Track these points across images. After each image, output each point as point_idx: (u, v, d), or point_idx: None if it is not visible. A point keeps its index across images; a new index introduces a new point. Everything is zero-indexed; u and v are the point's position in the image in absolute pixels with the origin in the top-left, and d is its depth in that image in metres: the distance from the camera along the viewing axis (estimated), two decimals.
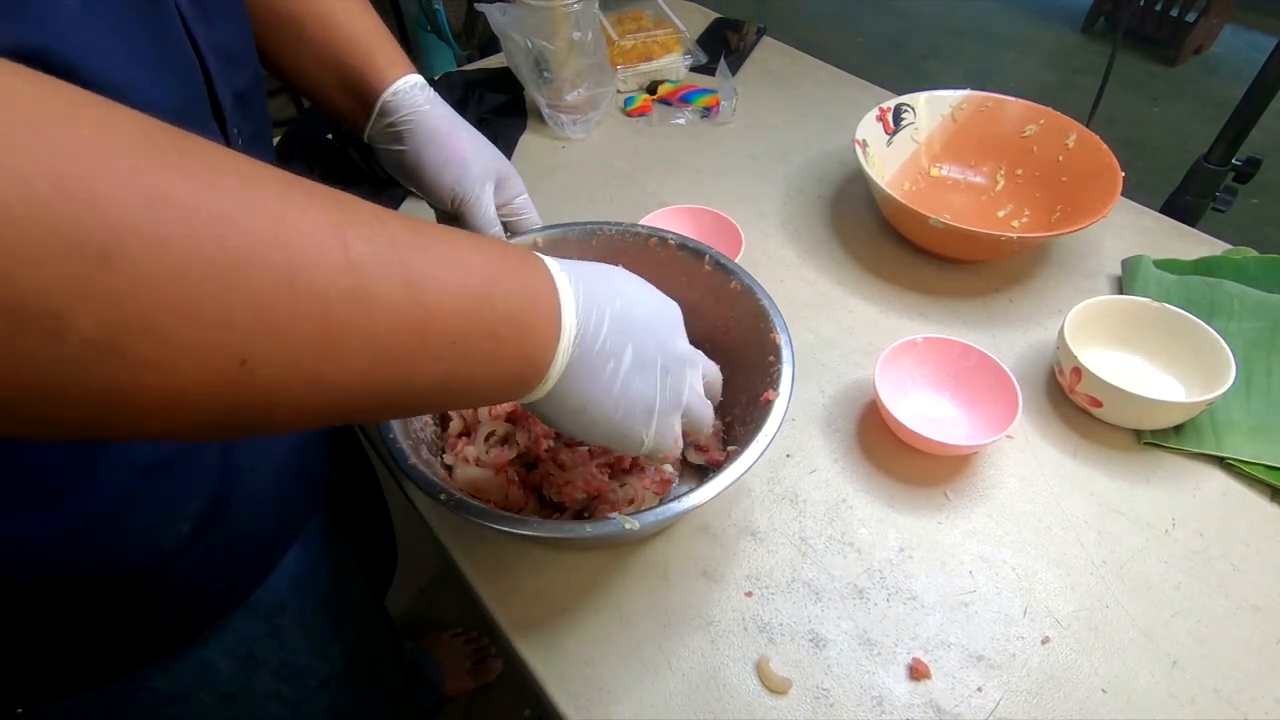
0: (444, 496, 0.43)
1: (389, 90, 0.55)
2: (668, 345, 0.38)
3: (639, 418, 0.38)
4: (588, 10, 0.86)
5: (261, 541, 0.48)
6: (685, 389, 0.40)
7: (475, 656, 1.24)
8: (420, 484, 0.44)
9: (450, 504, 0.43)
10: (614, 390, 0.36)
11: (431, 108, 0.57)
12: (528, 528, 0.42)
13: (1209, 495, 0.57)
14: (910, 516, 0.56)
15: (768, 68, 1.08)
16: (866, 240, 0.80)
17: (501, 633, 0.51)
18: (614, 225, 0.59)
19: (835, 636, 0.50)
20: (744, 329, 0.55)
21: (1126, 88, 2.66)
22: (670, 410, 0.39)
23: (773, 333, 0.52)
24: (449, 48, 2.09)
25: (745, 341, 0.55)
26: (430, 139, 0.56)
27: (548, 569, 0.53)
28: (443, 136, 0.56)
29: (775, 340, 0.52)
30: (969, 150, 0.85)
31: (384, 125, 0.56)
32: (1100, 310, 0.64)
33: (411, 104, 0.56)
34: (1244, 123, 0.84)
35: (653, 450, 0.40)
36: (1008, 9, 3.24)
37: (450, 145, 0.57)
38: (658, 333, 0.38)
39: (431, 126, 0.56)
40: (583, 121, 0.94)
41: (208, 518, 0.42)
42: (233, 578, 0.47)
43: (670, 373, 0.39)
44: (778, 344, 0.51)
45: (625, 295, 0.37)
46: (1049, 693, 0.47)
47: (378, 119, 0.56)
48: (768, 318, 0.53)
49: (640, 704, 0.47)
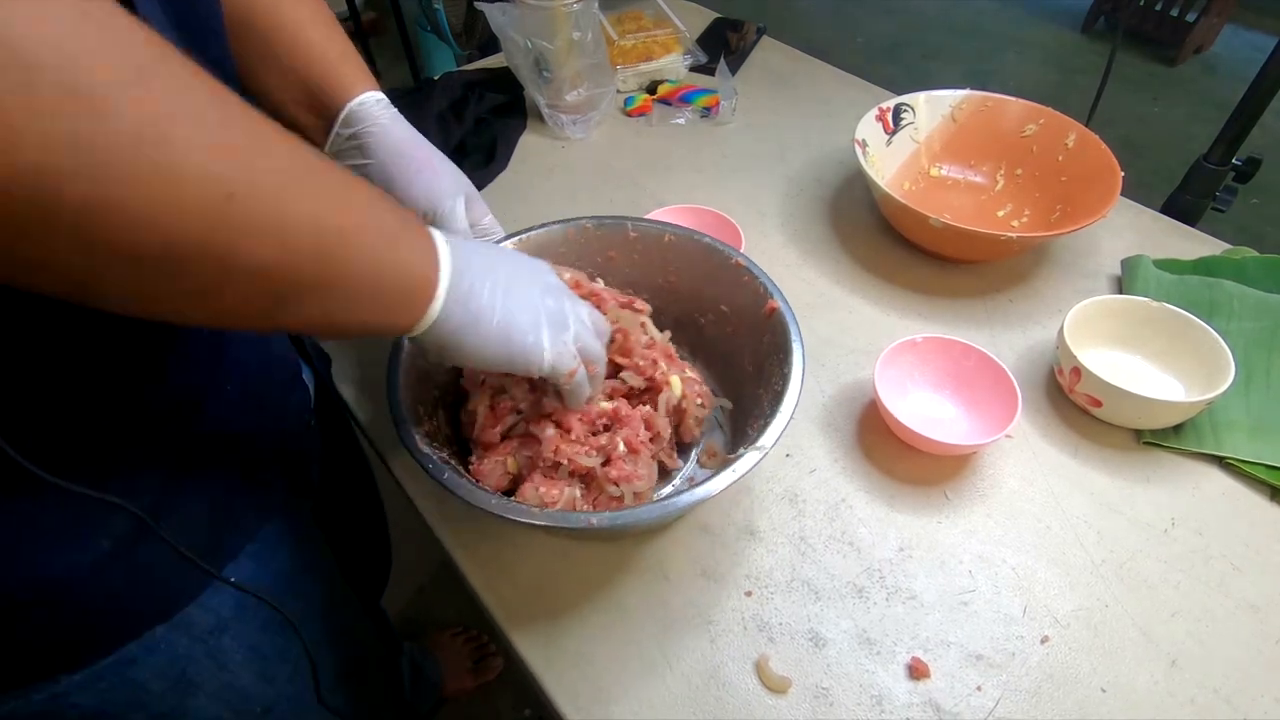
0: (431, 466, 0.45)
1: (354, 101, 0.55)
2: (539, 275, 0.44)
3: (528, 331, 0.42)
4: (588, 10, 0.86)
5: (197, 553, 0.45)
6: (569, 311, 0.44)
7: (475, 655, 1.24)
8: (407, 443, 0.46)
9: (433, 470, 0.44)
10: (497, 309, 0.40)
11: (395, 123, 0.57)
12: (517, 513, 0.43)
13: (1208, 495, 0.57)
14: (910, 516, 0.56)
15: (768, 68, 1.08)
16: (866, 240, 0.80)
17: (501, 632, 0.51)
18: (613, 219, 0.60)
19: (835, 636, 0.50)
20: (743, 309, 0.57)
21: (1126, 88, 2.66)
22: (557, 326, 0.43)
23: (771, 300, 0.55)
24: (449, 47, 2.09)
25: (747, 325, 0.57)
26: (397, 150, 0.56)
27: (548, 567, 0.53)
28: (410, 147, 0.56)
29: (772, 305, 0.55)
30: (969, 150, 0.85)
31: (346, 137, 0.56)
32: (1100, 310, 0.64)
33: (376, 116, 0.55)
34: (1244, 123, 0.84)
35: (554, 366, 0.43)
36: (1008, 9, 3.24)
37: (419, 156, 0.57)
38: (523, 263, 0.44)
39: (397, 139, 0.56)
40: (583, 121, 0.94)
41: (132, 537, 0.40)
42: (159, 595, 0.45)
43: (550, 294, 0.44)
44: (775, 308, 0.54)
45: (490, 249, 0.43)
46: (1048, 692, 0.47)
47: (341, 129, 0.56)
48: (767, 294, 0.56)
49: (640, 703, 0.47)
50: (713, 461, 0.58)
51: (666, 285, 0.62)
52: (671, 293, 0.62)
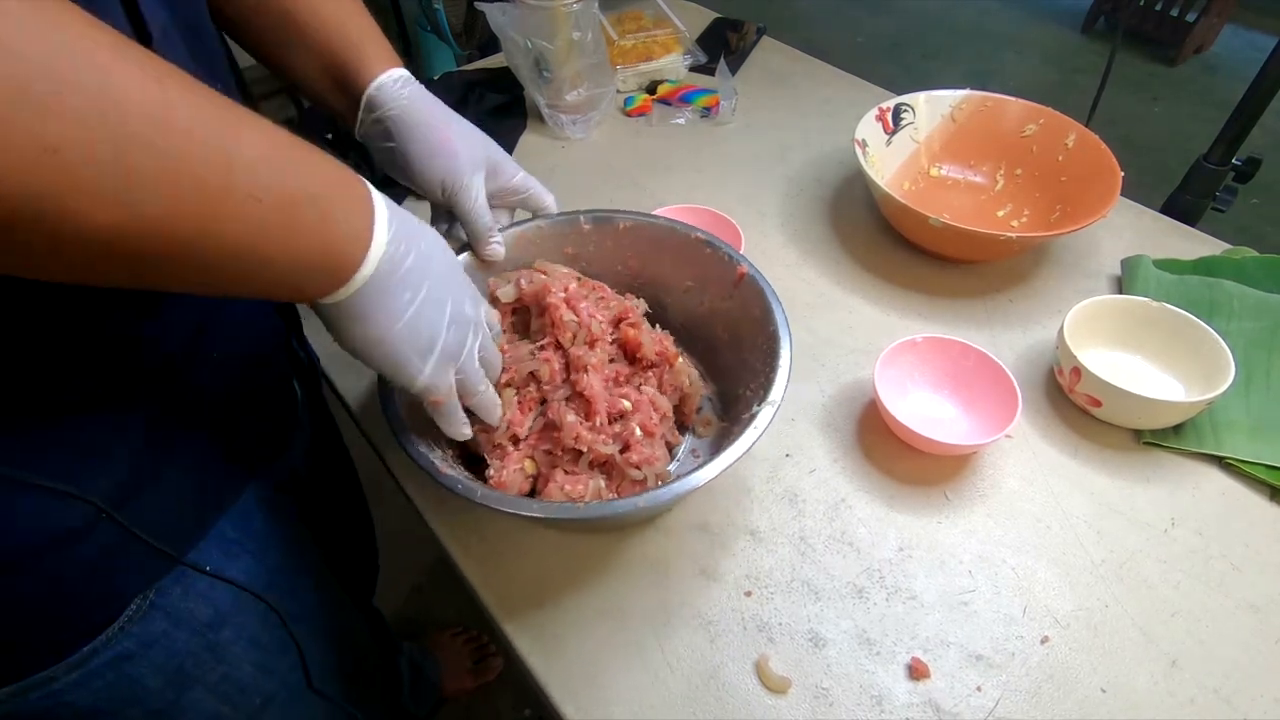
0: (413, 452, 0.45)
1: (373, 84, 0.54)
2: (458, 299, 0.43)
3: (420, 349, 0.41)
4: (588, 10, 0.86)
5: (171, 530, 0.45)
6: (467, 346, 0.44)
7: (475, 656, 1.24)
8: (393, 422, 0.46)
9: (415, 454, 0.45)
10: (405, 316, 0.39)
11: (417, 101, 0.56)
12: (500, 503, 0.44)
13: (1208, 495, 0.57)
14: (910, 516, 0.56)
15: (768, 68, 1.08)
16: (866, 240, 0.80)
17: (501, 632, 0.51)
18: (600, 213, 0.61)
19: (835, 636, 0.50)
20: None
21: (1126, 88, 2.66)
22: (449, 356, 0.43)
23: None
24: (449, 48, 2.09)
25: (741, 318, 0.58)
26: (416, 131, 0.55)
27: (547, 566, 0.53)
28: (429, 129, 0.56)
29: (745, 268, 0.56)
30: (969, 150, 0.85)
31: (371, 120, 0.56)
32: (1100, 310, 0.64)
33: (395, 97, 0.55)
34: (1244, 123, 0.84)
35: (425, 389, 0.43)
36: (1008, 9, 3.24)
37: (437, 137, 0.56)
38: (451, 286, 0.43)
39: (417, 120, 0.55)
40: (582, 121, 0.94)
41: (113, 503, 0.40)
42: (137, 570, 0.44)
43: (456, 325, 0.43)
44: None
45: (430, 241, 0.42)
46: (1048, 692, 0.47)
47: (365, 114, 0.56)
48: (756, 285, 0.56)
49: (640, 704, 0.47)
50: (709, 430, 0.60)
51: (628, 271, 0.63)
52: (634, 278, 0.63)
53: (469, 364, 0.45)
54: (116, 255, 0.28)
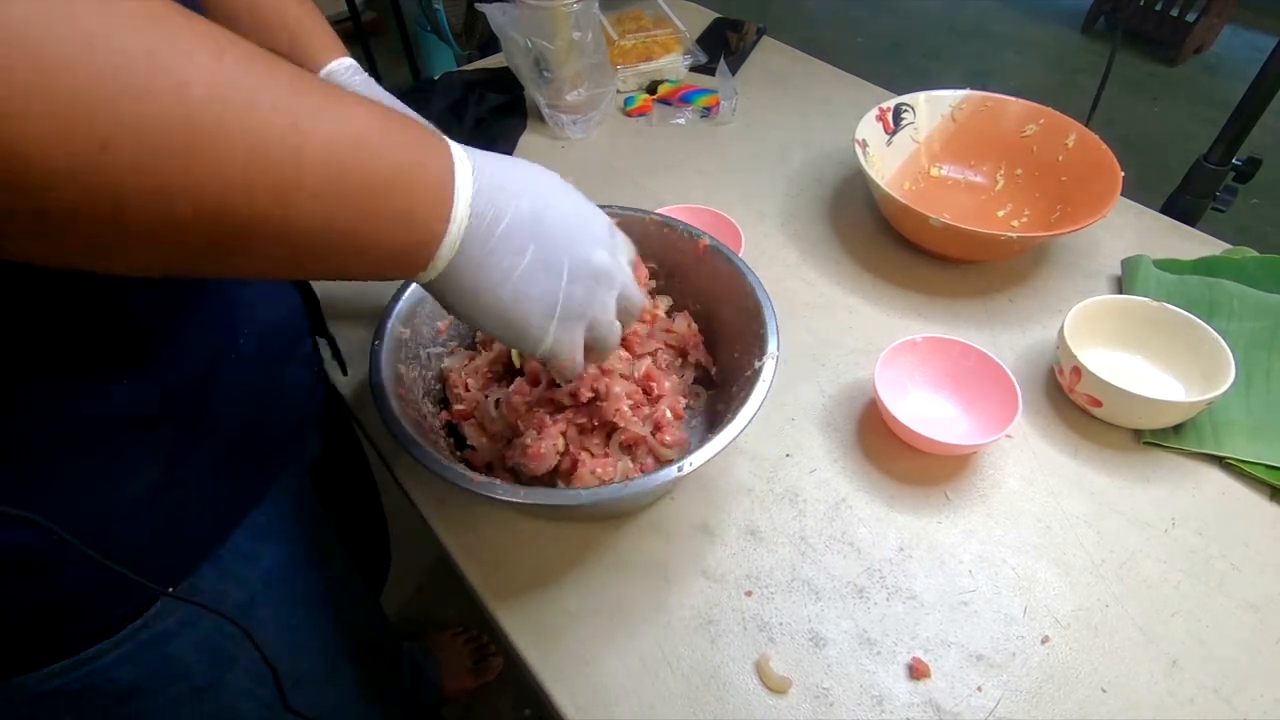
0: (401, 433, 0.46)
1: (323, 71, 0.54)
2: (580, 253, 0.38)
3: (536, 317, 0.37)
4: (588, 10, 0.86)
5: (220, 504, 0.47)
6: (594, 302, 0.40)
7: (475, 656, 1.24)
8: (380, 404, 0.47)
9: (404, 440, 0.46)
10: (510, 284, 0.36)
11: (368, 90, 0.55)
12: (486, 489, 0.44)
13: (1208, 495, 0.57)
14: (910, 516, 0.56)
15: (768, 68, 1.08)
16: (866, 240, 0.80)
17: (501, 632, 0.51)
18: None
19: (835, 636, 0.50)
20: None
21: (1126, 88, 2.66)
22: (573, 319, 0.39)
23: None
24: (449, 47, 2.09)
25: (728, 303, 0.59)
26: None
27: (547, 566, 0.53)
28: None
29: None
30: (969, 150, 0.85)
31: None
32: (1100, 310, 0.64)
33: (347, 84, 0.54)
34: (1244, 123, 0.84)
35: (550, 354, 0.39)
36: (1008, 9, 3.24)
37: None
38: (571, 239, 0.38)
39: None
40: (583, 121, 0.94)
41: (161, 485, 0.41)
42: (181, 544, 0.46)
43: (578, 281, 0.38)
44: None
45: (537, 196, 0.36)
46: (1049, 692, 0.47)
47: None
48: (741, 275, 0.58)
49: (640, 704, 0.47)
50: (698, 401, 0.61)
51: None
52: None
53: (602, 317, 0.40)
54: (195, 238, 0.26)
